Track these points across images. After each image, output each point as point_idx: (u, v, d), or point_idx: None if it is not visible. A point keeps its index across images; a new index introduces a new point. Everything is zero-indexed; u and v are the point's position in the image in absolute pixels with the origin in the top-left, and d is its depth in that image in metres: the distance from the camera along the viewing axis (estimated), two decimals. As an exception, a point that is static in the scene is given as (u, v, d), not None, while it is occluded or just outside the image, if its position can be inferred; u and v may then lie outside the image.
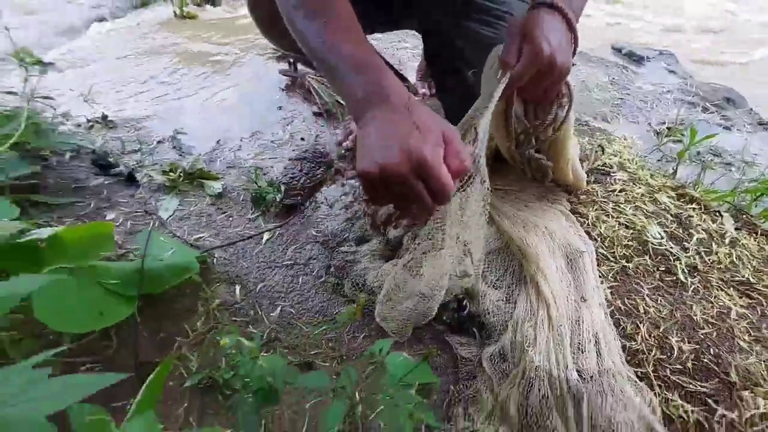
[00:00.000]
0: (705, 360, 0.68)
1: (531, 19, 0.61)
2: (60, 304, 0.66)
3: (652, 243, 0.82)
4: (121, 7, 1.97)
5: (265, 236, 0.98)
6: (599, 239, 0.83)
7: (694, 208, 0.93)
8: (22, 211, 0.89)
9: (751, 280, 0.80)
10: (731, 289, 0.79)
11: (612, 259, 0.81)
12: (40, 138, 1.09)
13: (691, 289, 0.77)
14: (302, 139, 1.27)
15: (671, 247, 0.82)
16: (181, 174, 1.12)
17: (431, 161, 0.47)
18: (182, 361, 0.77)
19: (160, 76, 1.58)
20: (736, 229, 0.93)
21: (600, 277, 0.78)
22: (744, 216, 0.97)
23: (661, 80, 1.75)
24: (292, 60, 1.43)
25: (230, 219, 1.04)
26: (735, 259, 0.84)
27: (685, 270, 0.80)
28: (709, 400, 0.65)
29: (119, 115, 1.39)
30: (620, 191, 0.93)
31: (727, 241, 0.87)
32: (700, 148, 1.46)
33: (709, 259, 0.83)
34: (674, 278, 0.79)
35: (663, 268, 0.80)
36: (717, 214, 0.94)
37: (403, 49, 1.86)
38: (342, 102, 1.32)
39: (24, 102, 1.06)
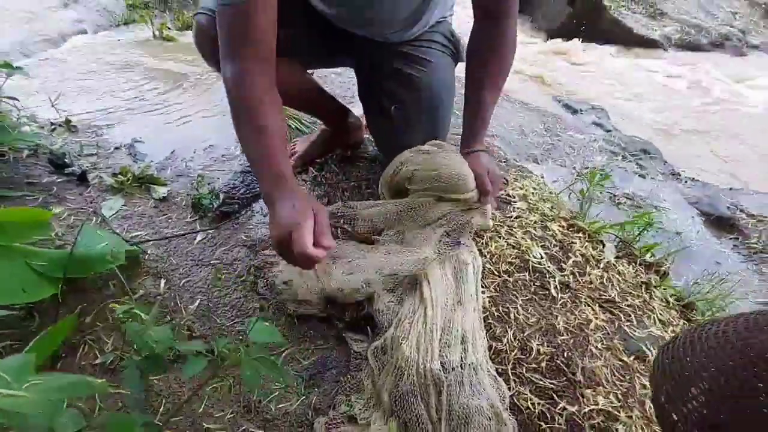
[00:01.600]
0: (558, 361, 0.79)
1: (477, 159, 0.95)
2: (-17, 276, 0.72)
3: (533, 262, 0.95)
4: (102, 24, 2.10)
5: (198, 237, 1.07)
6: (488, 255, 0.95)
7: (579, 237, 1.06)
8: (-32, 199, 0.96)
9: (616, 299, 0.93)
10: (596, 305, 0.91)
11: (496, 273, 0.92)
12: (1, 134, 1.17)
13: (560, 302, 0.89)
14: (252, 155, 1.38)
15: (549, 267, 0.95)
16: (131, 178, 1.21)
17: (295, 237, 0.68)
18: (98, 344, 0.84)
19: (127, 89, 1.69)
20: (616, 257, 1.07)
21: (483, 287, 0.89)
22: (627, 247, 1.11)
23: (590, 131, 1.96)
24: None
25: (169, 221, 1.12)
26: (605, 281, 0.96)
27: (558, 286, 0.92)
28: (555, 395, 0.75)
29: (82, 120, 1.48)
30: (516, 217, 1.06)
31: (601, 265, 1.00)
32: (617, 192, 1.64)
33: (582, 279, 0.95)
34: (547, 292, 0.91)
35: (538, 284, 0.92)
36: (600, 243, 1.07)
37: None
38: (290, 125, 1.45)
39: (-14, 100, 1.14)
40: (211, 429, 0.73)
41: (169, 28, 2.11)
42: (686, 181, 1.80)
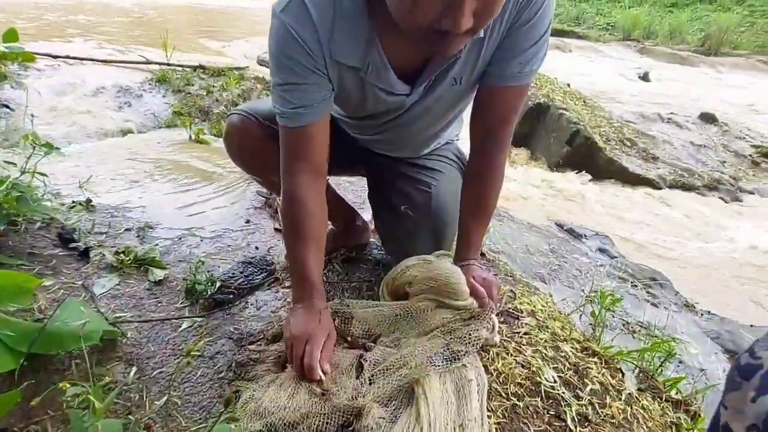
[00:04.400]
0: None
1: (467, 269, 0.96)
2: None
3: (545, 386, 0.84)
4: (147, 125, 2.34)
5: (184, 324, 1.00)
6: (494, 374, 0.86)
7: (595, 362, 0.97)
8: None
9: (644, 440, 0.80)
10: (621, 446, 0.78)
11: (504, 395, 0.82)
12: (19, 204, 1.20)
13: (580, 438, 0.76)
14: (256, 248, 1.38)
15: (564, 393, 0.84)
16: (132, 258, 1.20)
17: (308, 349, 0.79)
18: (39, 437, 0.72)
19: (153, 179, 1.80)
20: (638, 389, 0.95)
21: (489, 410, 0.78)
22: (649, 379, 1.00)
23: (596, 256, 1.96)
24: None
25: (159, 305, 1.07)
26: (629, 417, 0.84)
27: (575, 418, 0.80)
28: None
29: (103, 201, 1.54)
30: (525, 334, 0.99)
31: (623, 397, 0.89)
32: (629, 319, 1.56)
33: (602, 412, 0.83)
34: (563, 424, 0.79)
35: (553, 413, 0.80)
36: (618, 371, 0.97)
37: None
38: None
39: (18, 173, 1.21)
40: None
41: (204, 133, 2.34)
42: (701, 314, 1.72)
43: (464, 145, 1.14)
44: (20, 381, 0.77)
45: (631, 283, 1.76)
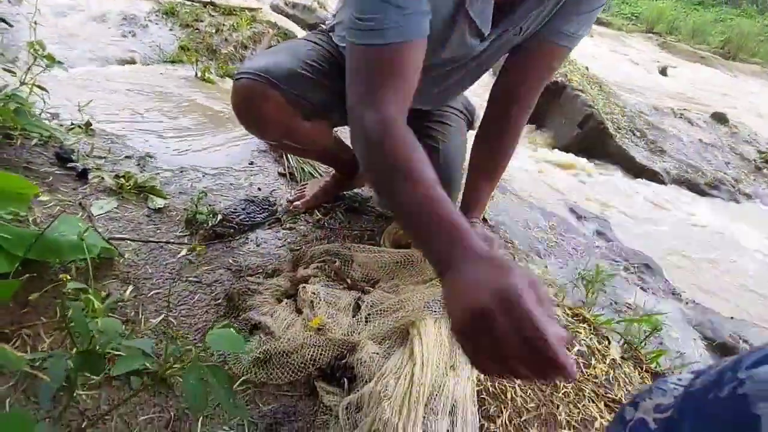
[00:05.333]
0: (558, 460, 0.67)
1: (474, 229, 0.84)
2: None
3: (535, 342, 0.86)
4: (152, 58, 2.26)
5: (183, 251, 0.99)
6: (488, 326, 0.87)
7: (584, 328, 0.99)
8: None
9: (623, 401, 0.83)
10: (602, 403, 0.80)
11: (495, 346, 0.84)
12: (17, 116, 1.16)
13: (562, 392, 0.79)
14: (259, 189, 1.36)
15: (552, 351, 0.86)
16: (132, 183, 1.18)
17: (524, 297, 0.41)
18: (33, 341, 0.72)
19: (154, 111, 1.74)
20: (622, 357, 0.98)
21: (479, 358, 0.79)
22: (633, 350, 1.03)
23: (593, 237, 1.97)
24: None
25: (158, 231, 1.06)
26: (611, 379, 0.87)
27: (561, 374, 0.82)
28: (553, 501, 0.62)
29: (103, 128, 1.50)
30: (520, 294, 1.00)
31: (607, 361, 0.91)
32: (617, 299, 1.58)
33: (586, 371, 0.86)
34: (548, 378, 0.81)
35: (540, 367, 0.83)
36: (605, 338, 0.99)
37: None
38: (304, 168, 1.46)
39: (17, 83, 1.16)
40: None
41: (210, 72, 2.26)
42: (687, 303, 1.76)
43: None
44: (18, 289, 0.76)
45: (624, 267, 1.78)
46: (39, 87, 1.23)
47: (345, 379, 0.74)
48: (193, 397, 0.44)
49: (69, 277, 0.54)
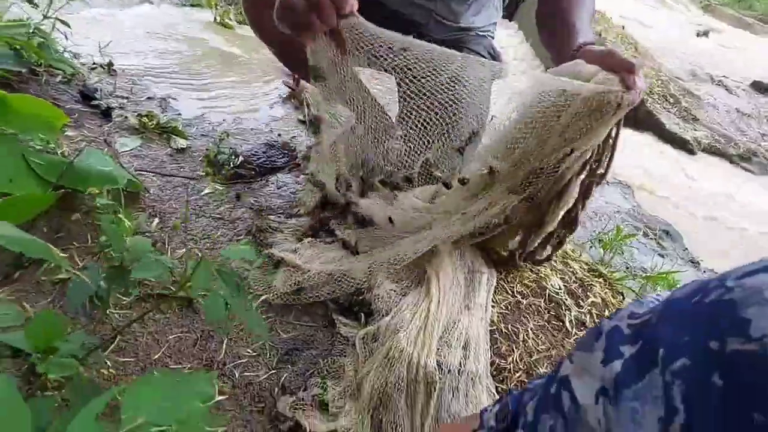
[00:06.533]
0: (566, 397, 0.69)
1: (594, 50, 0.72)
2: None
3: (550, 290, 0.87)
4: (170, 1, 2.20)
5: (207, 189, 1.01)
6: (503, 273, 0.88)
7: (600, 282, 0.99)
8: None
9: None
10: (612, 352, 0.82)
11: (509, 292, 0.85)
12: (42, 51, 1.16)
13: (573, 337, 0.80)
14: (279, 135, 1.36)
15: (566, 299, 0.87)
16: (155, 124, 1.18)
17: None
18: (68, 262, 0.76)
19: (177, 55, 1.72)
20: (635, 314, 0.99)
21: (493, 303, 0.81)
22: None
23: (615, 201, 1.93)
24: (296, 76, 1.59)
25: (180, 169, 1.08)
26: (623, 331, 0.88)
27: (573, 321, 0.83)
28: None
29: (124, 69, 1.49)
30: (537, 246, 1.00)
31: (620, 315, 0.92)
32: (635, 264, 1.57)
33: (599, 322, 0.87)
34: (561, 324, 0.82)
35: (553, 313, 0.84)
36: (619, 294, 1.00)
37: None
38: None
39: (40, 17, 1.15)
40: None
41: (230, 18, 2.20)
42: (704, 271, 1.73)
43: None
44: (49, 216, 0.79)
45: (643, 233, 1.75)
46: (61, 21, 1.21)
47: (362, 314, 0.76)
48: (210, 308, 0.46)
49: (96, 190, 0.55)
